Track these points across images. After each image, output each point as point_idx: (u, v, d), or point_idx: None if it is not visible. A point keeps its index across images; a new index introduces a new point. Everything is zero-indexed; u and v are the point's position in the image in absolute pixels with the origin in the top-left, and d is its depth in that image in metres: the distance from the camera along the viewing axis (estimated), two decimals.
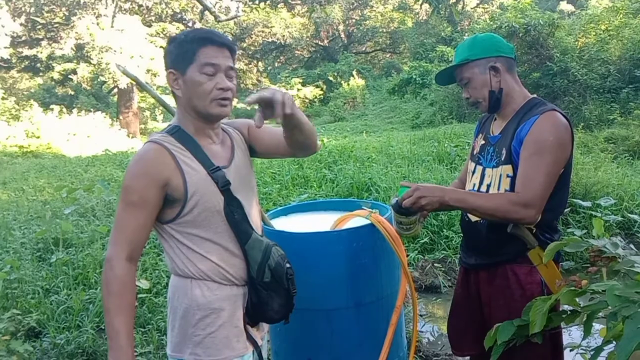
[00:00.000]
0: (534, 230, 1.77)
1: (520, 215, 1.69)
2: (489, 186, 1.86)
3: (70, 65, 19.34)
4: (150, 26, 19.44)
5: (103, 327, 3.26)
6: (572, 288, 1.47)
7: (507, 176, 1.79)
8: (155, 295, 3.53)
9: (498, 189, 1.82)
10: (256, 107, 1.35)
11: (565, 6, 24.28)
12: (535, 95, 1.88)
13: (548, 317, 1.49)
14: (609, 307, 1.27)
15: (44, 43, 19.58)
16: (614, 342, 1.37)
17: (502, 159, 1.81)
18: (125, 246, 1.43)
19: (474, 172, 1.95)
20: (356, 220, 2.16)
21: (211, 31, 1.55)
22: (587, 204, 4.21)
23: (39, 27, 19.51)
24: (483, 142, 1.95)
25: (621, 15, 12.37)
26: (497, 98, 1.84)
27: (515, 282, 1.82)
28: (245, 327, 1.57)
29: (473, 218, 1.92)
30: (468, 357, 2.18)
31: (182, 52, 1.48)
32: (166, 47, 1.55)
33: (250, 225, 1.55)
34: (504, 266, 1.84)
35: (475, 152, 1.99)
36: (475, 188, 1.91)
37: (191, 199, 1.47)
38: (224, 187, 1.50)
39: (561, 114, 1.74)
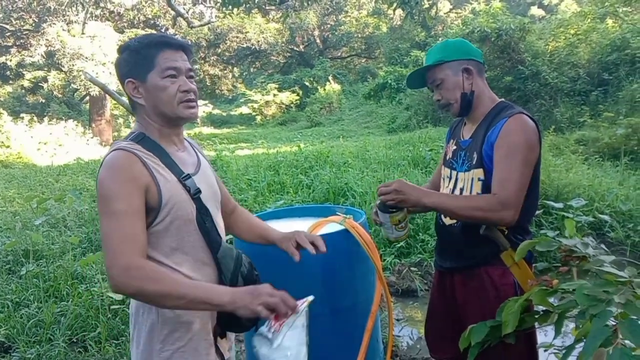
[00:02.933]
0: (506, 232, 1.78)
1: (500, 215, 1.69)
2: (461, 190, 1.87)
3: (40, 73, 19.01)
4: (122, 32, 19.17)
5: (75, 340, 3.19)
6: (544, 288, 1.48)
7: (479, 179, 1.80)
8: (129, 307, 3.46)
9: (470, 192, 1.83)
10: None
11: (535, 11, 24.84)
12: (503, 99, 1.91)
13: (521, 317, 1.50)
14: (579, 306, 1.28)
15: (13, 50, 19.18)
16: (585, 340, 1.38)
17: (474, 162, 1.82)
18: (135, 250, 1.31)
19: (449, 178, 1.96)
20: (331, 226, 2.15)
21: (164, 35, 1.52)
22: (559, 205, 4.27)
23: (8, 34, 19.09)
24: (455, 147, 1.97)
25: (589, 20, 12.71)
26: (468, 100, 1.86)
27: (489, 284, 1.83)
28: (215, 339, 1.53)
29: (447, 221, 1.94)
30: None
31: (140, 59, 1.45)
32: (118, 57, 1.51)
33: (218, 233, 1.52)
34: (478, 268, 1.85)
35: (448, 157, 2.00)
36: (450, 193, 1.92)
37: (164, 208, 1.40)
38: (195, 195, 1.46)
39: (528, 116, 1.77)
